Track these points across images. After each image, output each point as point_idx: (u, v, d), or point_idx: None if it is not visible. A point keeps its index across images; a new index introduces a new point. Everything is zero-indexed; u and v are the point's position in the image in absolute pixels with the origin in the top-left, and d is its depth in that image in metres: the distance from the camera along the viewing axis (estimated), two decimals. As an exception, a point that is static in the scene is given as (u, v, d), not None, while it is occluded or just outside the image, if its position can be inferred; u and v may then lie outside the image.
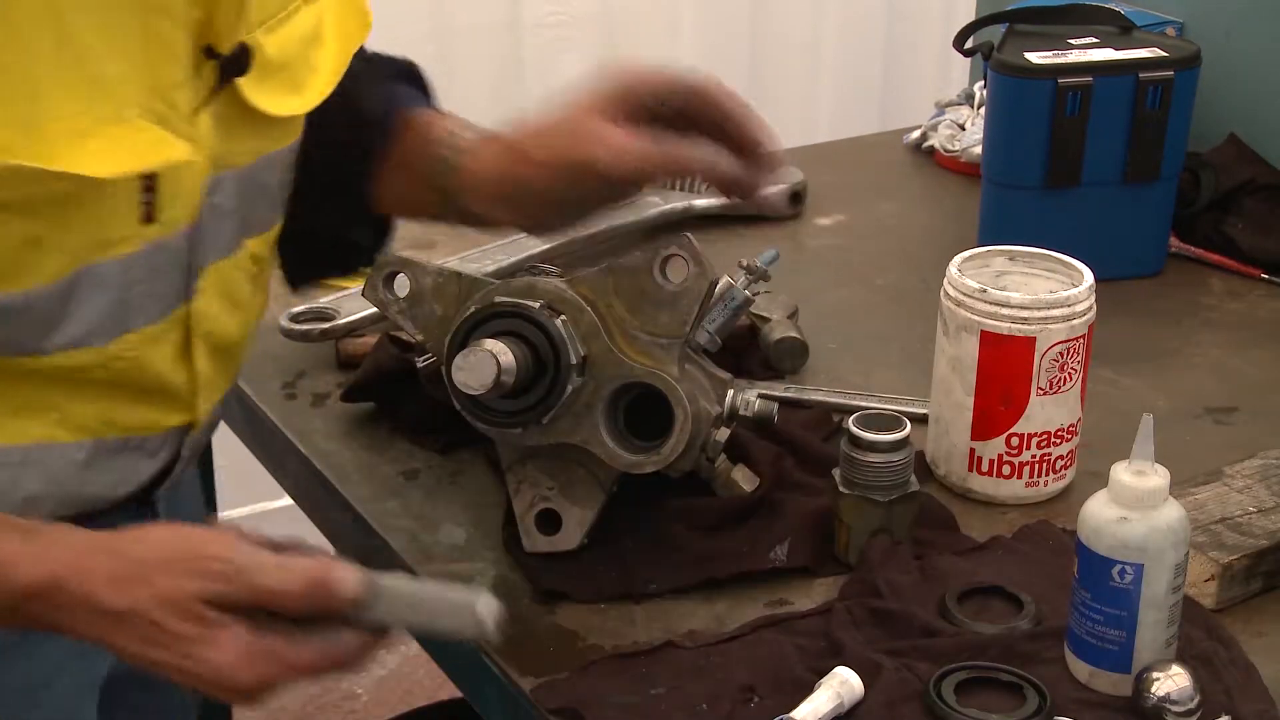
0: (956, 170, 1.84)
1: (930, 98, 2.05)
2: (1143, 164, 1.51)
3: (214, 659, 0.80)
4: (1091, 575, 0.90)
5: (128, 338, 0.92)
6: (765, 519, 1.08)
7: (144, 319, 0.92)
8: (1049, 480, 1.14)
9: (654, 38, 2.69)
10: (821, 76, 2.88)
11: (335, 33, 1.02)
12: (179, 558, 0.81)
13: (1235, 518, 1.05)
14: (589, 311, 1.00)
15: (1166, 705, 0.88)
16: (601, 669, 0.95)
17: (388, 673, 2.60)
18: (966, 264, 1.16)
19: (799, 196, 1.72)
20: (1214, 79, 1.58)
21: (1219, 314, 1.49)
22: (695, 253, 1.00)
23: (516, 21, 2.56)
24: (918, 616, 0.97)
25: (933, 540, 1.07)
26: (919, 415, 1.20)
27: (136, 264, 0.89)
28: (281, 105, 0.96)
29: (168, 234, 0.90)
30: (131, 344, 0.92)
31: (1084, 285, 1.12)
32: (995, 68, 1.52)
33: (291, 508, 1.31)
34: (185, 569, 0.80)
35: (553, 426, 1.00)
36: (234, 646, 0.80)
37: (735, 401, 1.07)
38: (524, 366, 0.98)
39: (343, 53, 1.03)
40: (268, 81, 0.94)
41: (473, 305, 1.02)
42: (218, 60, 0.89)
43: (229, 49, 0.90)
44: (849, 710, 0.90)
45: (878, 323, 1.46)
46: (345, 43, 1.03)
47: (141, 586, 0.80)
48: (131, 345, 0.92)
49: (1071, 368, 1.12)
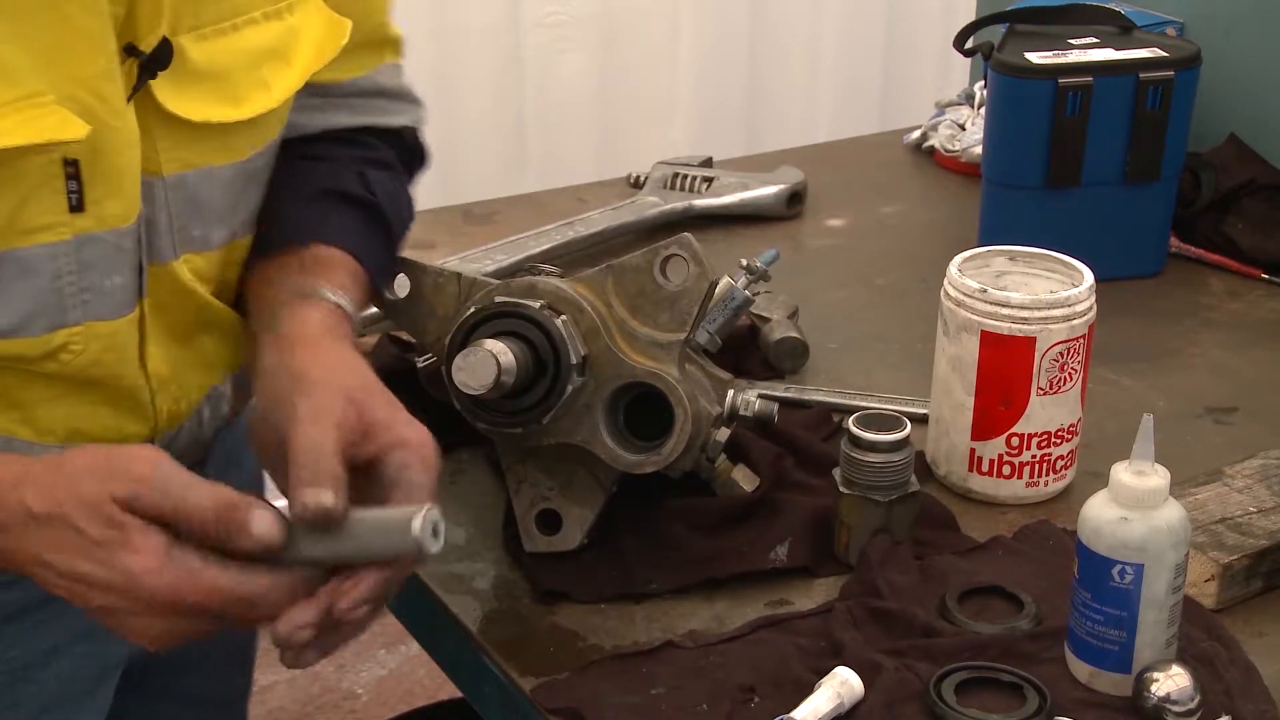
0: (957, 170, 1.85)
1: (930, 98, 2.06)
2: (1143, 164, 1.51)
3: (129, 563, 0.80)
4: (1092, 575, 0.90)
5: (71, 331, 0.91)
6: (765, 519, 1.08)
7: (87, 314, 0.92)
8: (1049, 480, 1.14)
9: (653, 38, 2.69)
10: (821, 76, 2.89)
11: (307, 53, 1.01)
12: (101, 465, 0.82)
13: (1235, 518, 1.05)
14: (589, 311, 1.00)
15: (1167, 705, 0.88)
16: (601, 669, 0.95)
17: (388, 672, 2.60)
18: (967, 264, 1.16)
19: (799, 196, 1.72)
20: (1214, 79, 1.58)
21: (1219, 314, 1.49)
22: (695, 253, 1.00)
23: (516, 21, 2.56)
24: (918, 616, 0.97)
25: (933, 540, 1.07)
26: (919, 415, 1.20)
27: (64, 254, 0.89)
28: (200, 112, 0.94)
29: (101, 228, 0.90)
30: (78, 339, 0.92)
31: (1084, 285, 1.12)
32: (995, 68, 1.52)
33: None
34: (106, 473, 0.81)
35: (553, 426, 1.00)
36: (148, 550, 0.80)
37: (735, 401, 1.07)
38: (524, 366, 0.98)
39: (305, 72, 1.01)
40: (191, 88, 0.93)
41: (473, 305, 1.02)
42: (137, 58, 0.89)
43: (151, 45, 0.89)
44: (849, 710, 0.90)
45: (878, 323, 1.46)
46: (312, 64, 1.01)
47: (65, 491, 0.81)
48: (78, 340, 0.92)
49: (1072, 368, 1.12)
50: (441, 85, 2.53)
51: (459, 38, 2.51)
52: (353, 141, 1.11)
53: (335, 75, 1.06)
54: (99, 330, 0.93)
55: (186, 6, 0.91)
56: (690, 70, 2.74)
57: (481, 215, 1.72)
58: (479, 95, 2.57)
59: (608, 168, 2.25)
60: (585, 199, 1.74)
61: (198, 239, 0.99)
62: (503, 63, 2.57)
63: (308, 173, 1.07)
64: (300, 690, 2.55)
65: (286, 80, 0.99)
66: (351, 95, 1.11)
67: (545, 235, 1.57)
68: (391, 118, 1.14)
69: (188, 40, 0.92)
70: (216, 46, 0.94)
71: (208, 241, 1.00)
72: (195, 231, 0.98)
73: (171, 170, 0.95)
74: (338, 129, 1.11)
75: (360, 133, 1.12)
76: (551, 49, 2.59)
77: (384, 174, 1.11)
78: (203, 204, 0.98)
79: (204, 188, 0.98)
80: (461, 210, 1.74)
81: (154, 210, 0.95)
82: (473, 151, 2.58)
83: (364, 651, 2.64)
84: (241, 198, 1.02)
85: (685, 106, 2.76)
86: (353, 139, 1.12)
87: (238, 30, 0.95)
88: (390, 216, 1.08)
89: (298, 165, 1.07)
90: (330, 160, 1.08)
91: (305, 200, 1.05)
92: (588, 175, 2.07)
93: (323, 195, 1.05)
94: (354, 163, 1.09)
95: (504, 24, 2.55)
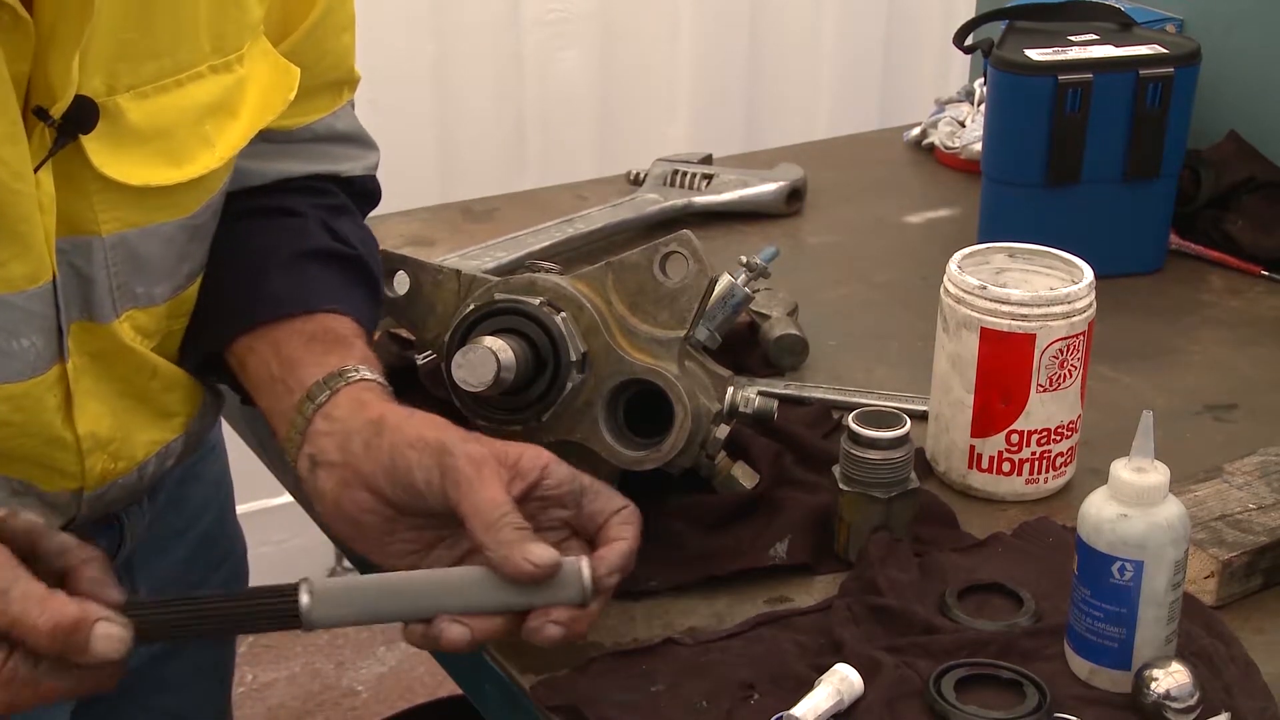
0: (956, 167, 1.84)
1: (930, 94, 2.05)
2: (1143, 161, 1.51)
3: None
4: (1091, 572, 0.90)
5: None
6: (765, 516, 1.08)
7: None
8: (1049, 477, 1.14)
9: (653, 34, 2.69)
10: (821, 73, 2.88)
11: (255, 105, 0.97)
12: None
13: (1235, 514, 1.05)
14: (589, 308, 1.00)
15: (1166, 702, 0.88)
16: (601, 666, 0.95)
17: (388, 669, 2.60)
18: (966, 261, 1.16)
19: (799, 194, 1.72)
20: (1214, 76, 1.58)
21: (1219, 311, 1.49)
22: (695, 250, 1.00)
23: (516, 19, 2.56)
24: (918, 613, 0.97)
25: (932, 537, 1.07)
26: (919, 412, 1.20)
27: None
28: (142, 175, 0.91)
29: (6, 290, 0.87)
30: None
31: (1084, 282, 1.12)
32: (995, 64, 1.52)
33: (293, 505, 1.31)
34: None
35: (552, 423, 1.00)
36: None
37: (735, 398, 1.07)
38: (524, 363, 0.98)
39: (251, 127, 0.97)
40: (129, 150, 0.89)
41: (472, 302, 1.02)
42: (49, 122, 0.85)
43: (61, 109, 0.85)
44: (849, 707, 0.90)
45: (877, 320, 1.46)
46: (260, 115, 0.98)
47: None
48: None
49: (1071, 365, 1.12)
50: (441, 82, 2.53)
51: (459, 35, 2.52)
52: (309, 189, 1.08)
53: (291, 121, 1.03)
54: (8, 391, 0.90)
55: (124, 65, 0.88)
56: (690, 67, 2.74)
57: (481, 212, 1.72)
58: (479, 92, 2.57)
59: (607, 165, 2.25)
60: (585, 196, 1.74)
61: (141, 295, 0.96)
62: (502, 60, 2.57)
63: (278, 232, 1.03)
64: (300, 688, 2.55)
65: (231, 136, 0.96)
66: (307, 141, 1.08)
67: (545, 232, 1.56)
68: (348, 164, 1.11)
69: (126, 100, 0.88)
70: (157, 105, 0.90)
71: (151, 298, 0.97)
72: (139, 289, 0.96)
73: (110, 230, 0.92)
74: (291, 177, 1.07)
75: (314, 179, 1.09)
76: (551, 46, 2.59)
77: (348, 220, 1.08)
78: (146, 261, 0.95)
79: (147, 245, 0.95)
80: (461, 207, 1.74)
81: (92, 269, 0.92)
82: (472, 148, 2.58)
83: (364, 648, 2.64)
84: (187, 250, 0.99)
85: (685, 103, 2.76)
86: (308, 186, 1.08)
87: (181, 86, 0.91)
88: (373, 267, 1.06)
89: (263, 224, 1.04)
90: (296, 215, 1.05)
91: (287, 266, 1.01)
92: (587, 172, 2.07)
93: (305, 257, 1.02)
94: (317, 212, 1.06)
95: (504, 21, 2.55)
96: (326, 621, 0.85)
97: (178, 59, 0.91)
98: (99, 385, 0.96)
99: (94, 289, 0.93)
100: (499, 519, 0.84)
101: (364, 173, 1.13)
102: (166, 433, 1.03)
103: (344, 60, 1.07)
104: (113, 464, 0.99)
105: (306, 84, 1.01)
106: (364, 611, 0.85)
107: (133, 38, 0.88)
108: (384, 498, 0.89)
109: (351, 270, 1.04)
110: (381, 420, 0.90)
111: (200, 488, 1.20)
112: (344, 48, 1.06)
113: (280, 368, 0.96)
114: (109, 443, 0.98)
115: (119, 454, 0.99)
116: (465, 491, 0.85)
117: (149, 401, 1.01)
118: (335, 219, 1.06)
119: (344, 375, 0.94)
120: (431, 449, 0.87)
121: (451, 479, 0.86)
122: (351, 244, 1.05)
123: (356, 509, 0.90)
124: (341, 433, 0.91)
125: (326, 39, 1.04)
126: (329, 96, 1.07)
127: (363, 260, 1.05)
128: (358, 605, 0.85)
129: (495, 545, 0.84)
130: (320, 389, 0.94)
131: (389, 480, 0.89)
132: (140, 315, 0.97)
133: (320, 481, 0.92)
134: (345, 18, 1.06)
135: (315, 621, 0.84)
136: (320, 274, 1.02)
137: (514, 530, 0.84)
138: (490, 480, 0.86)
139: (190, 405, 1.05)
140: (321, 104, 1.07)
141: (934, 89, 2.44)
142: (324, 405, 0.93)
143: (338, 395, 0.93)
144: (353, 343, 0.98)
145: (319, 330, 0.98)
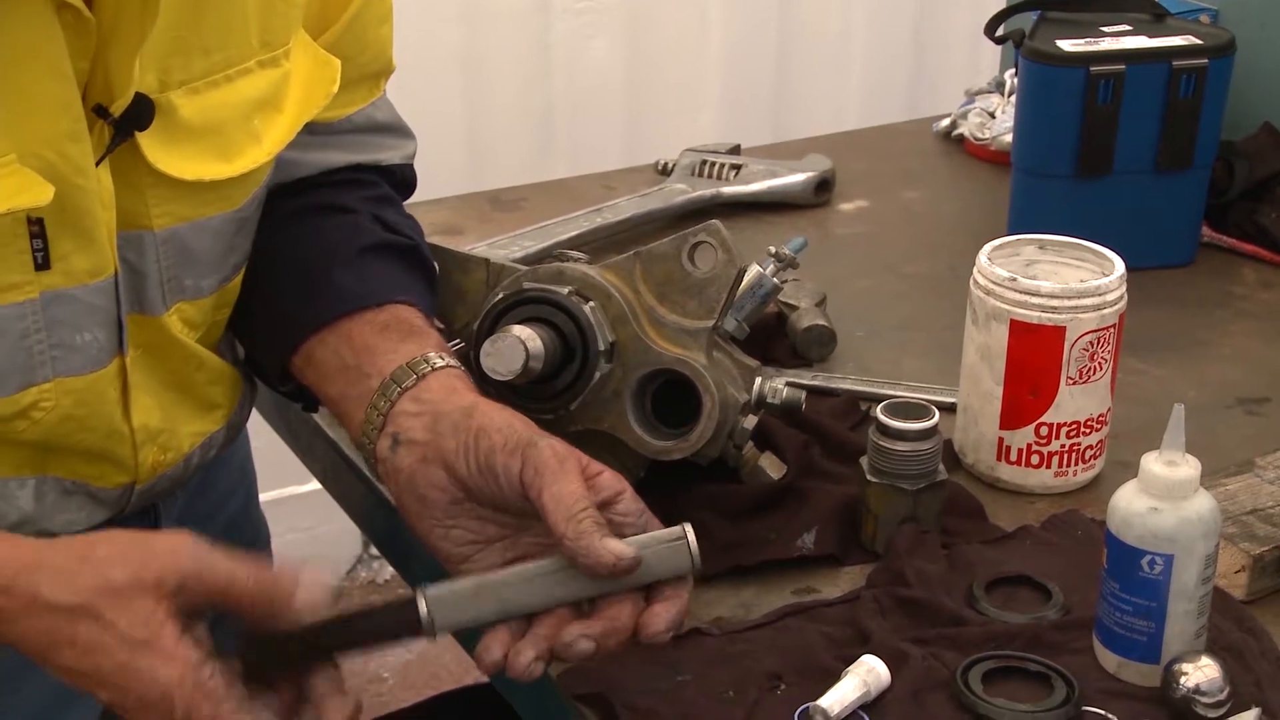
0: (986, 158, 1.84)
1: (960, 85, 2.04)
2: (1175, 153, 1.50)
3: (158, 672, 0.77)
4: (1121, 565, 0.90)
5: (42, 389, 0.89)
6: (792, 507, 1.07)
7: (56, 370, 0.90)
8: (1078, 470, 1.14)
9: (682, 24, 2.69)
10: (851, 64, 2.88)
11: (298, 99, 0.98)
12: (132, 554, 0.79)
13: (1266, 509, 1.04)
14: (617, 298, 1.00)
15: (1196, 696, 0.87)
16: (628, 655, 0.95)
17: (414, 656, 2.61)
18: (996, 252, 1.15)
19: (827, 184, 1.71)
20: (1248, 67, 1.56)
21: (1251, 304, 1.48)
22: (723, 240, 1.00)
23: (545, 7, 2.56)
24: (945, 605, 0.97)
25: (960, 529, 1.07)
26: (947, 404, 1.20)
27: (31, 312, 0.87)
28: (194, 170, 0.92)
29: (70, 284, 0.88)
30: (49, 395, 0.90)
31: (1115, 274, 1.12)
32: (1026, 55, 1.51)
33: (320, 492, 1.32)
34: (139, 563, 0.78)
35: (580, 413, 1.00)
36: (181, 661, 0.77)
37: (763, 389, 1.07)
38: (552, 352, 0.98)
39: (296, 121, 0.98)
40: (181, 145, 0.91)
41: (501, 291, 1.02)
42: (108, 119, 0.86)
43: (121, 107, 0.86)
44: (875, 699, 0.90)
45: (906, 311, 1.45)
46: (303, 109, 0.99)
47: (90, 580, 0.78)
48: (49, 396, 0.90)
49: (1102, 357, 1.11)
50: (470, 71, 2.53)
51: (488, 23, 2.52)
52: (354, 182, 1.09)
53: (332, 113, 1.04)
54: (71, 385, 0.91)
55: (177, 61, 0.89)
56: (719, 57, 2.73)
57: (509, 201, 1.72)
58: (507, 81, 2.57)
59: (636, 154, 2.25)
60: (613, 186, 1.74)
61: (190, 288, 0.97)
62: (531, 49, 2.57)
63: (333, 230, 1.04)
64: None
65: (278, 131, 0.97)
66: (348, 132, 1.09)
67: (573, 222, 1.56)
68: (388, 154, 1.12)
69: (178, 96, 0.90)
70: (208, 100, 0.91)
71: (199, 290, 0.98)
72: (187, 281, 0.97)
73: (163, 224, 0.93)
74: (334, 168, 1.08)
75: (355, 169, 1.10)
76: (580, 35, 2.59)
77: (395, 210, 1.09)
78: (195, 255, 0.97)
79: (196, 239, 0.96)
80: (489, 196, 1.74)
81: (144, 263, 0.93)
82: (501, 138, 2.58)
83: (390, 636, 2.65)
84: (234, 243, 1.00)
85: (713, 93, 2.75)
86: (353, 178, 1.09)
87: (231, 82, 0.93)
88: (426, 254, 1.07)
89: (318, 223, 1.04)
90: (348, 211, 1.06)
91: (349, 263, 1.02)
92: (615, 162, 2.07)
93: (366, 253, 1.03)
94: (367, 206, 1.07)
95: (533, 10, 2.55)
96: (448, 626, 0.85)
97: (228, 54, 0.92)
98: (149, 378, 0.97)
99: (146, 282, 0.94)
100: (580, 511, 0.84)
101: (403, 161, 1.14)
102: (210, 424, 1.05)
103: (384, 51, 1.08)
104: (162, 455, 1.00)
105: (347, 76, 1.02)
106: (481, 612, 0.85)
107: (185, 34, 0.89)
108: (458, 478, 0.89)
109: (409, 260, 1.05)
110: (474, 406, 0.91)
111: (226, 474, 1.21)
112: (383, 39, 1.07)
113: (354, 356, 0.97)
114: (159, 434, 0.99)
115: (167, 445, 1.00)
116: (548, 481, 0.85)
117: (194, 393, 1.02)
118: (383, 210, 1.08)
119: (427, 360, 0.95)
120: (518, 437, 0.88)
121: (533, 468, 0.86)
122: (405, 234, 1.06)
123: (428, 484, 0.90)
124: (431, 414, 0.92)
125: (367, 30, 1.05)
126: (368, 87, 1.08)
127: (418, 249, 1.06)
128: (471, 608, 0.85)
129: (576, 535, 0.83)
130: (405, 373, 0.94)
131: (467, 460, 0.89)
132: (188, 307, 0.98)
133: (400, 459, 0.92)
134: (384, 9, 1.06)
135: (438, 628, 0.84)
136: (383, 268, 1.03)
137: (594, 523, 0.84)
138: (573, 474, 0.86)
139: (232, 397, 1.06)
140: (361, 95, 1.08)
141: (964, 80, 2.42)
142: (411, 389, 0.93)
143: (426, 379, 0.94)
144: (427, 331, 0.99)
145: (391, 320, 0.99)
